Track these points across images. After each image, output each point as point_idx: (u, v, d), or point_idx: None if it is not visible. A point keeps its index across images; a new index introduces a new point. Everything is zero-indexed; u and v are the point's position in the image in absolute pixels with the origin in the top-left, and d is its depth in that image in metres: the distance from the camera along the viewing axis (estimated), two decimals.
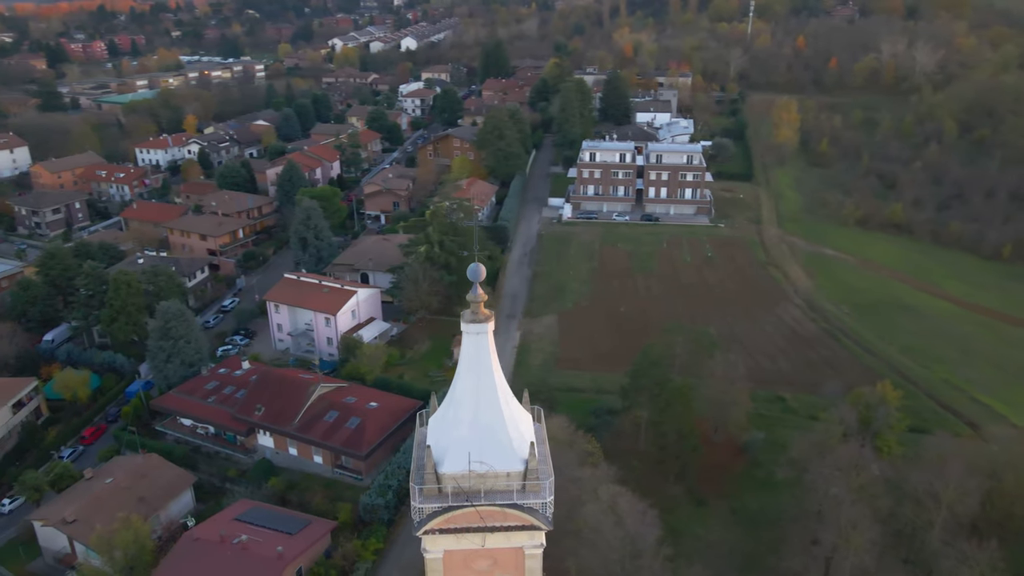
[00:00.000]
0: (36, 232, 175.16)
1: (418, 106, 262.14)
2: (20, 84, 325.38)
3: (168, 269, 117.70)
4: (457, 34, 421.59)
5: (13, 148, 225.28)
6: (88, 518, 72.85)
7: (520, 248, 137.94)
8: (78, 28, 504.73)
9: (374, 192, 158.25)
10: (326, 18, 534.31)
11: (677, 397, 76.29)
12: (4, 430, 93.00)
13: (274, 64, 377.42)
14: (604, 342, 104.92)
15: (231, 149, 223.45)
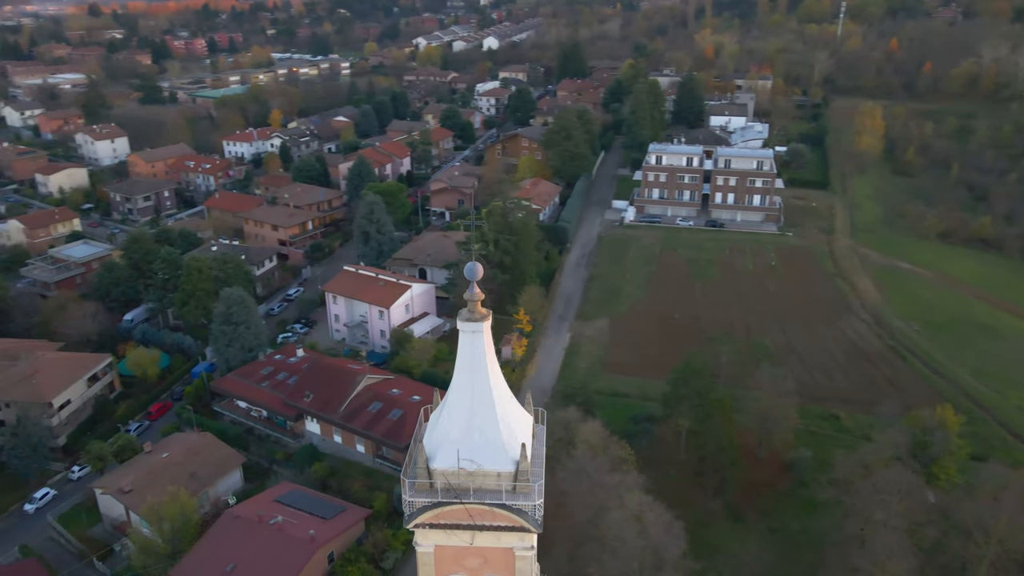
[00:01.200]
0: (128, 218, 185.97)
1: (493, 105, 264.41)
2: (127, 78, 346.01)
3: (236, 257, 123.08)
4: (539, 34, 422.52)
5: (114, 138, 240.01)
6: (143, 489, 77.14)
7: (579, 250, 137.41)
8: (183, 26, 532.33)
9: (440, 189, 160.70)
10: (413, 17, 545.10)
11: (717, 408, 74.59)
12: (80, 402, 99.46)
13: (360, 62, 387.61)
14: (654, 348, 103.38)
15: (311, 144, 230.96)
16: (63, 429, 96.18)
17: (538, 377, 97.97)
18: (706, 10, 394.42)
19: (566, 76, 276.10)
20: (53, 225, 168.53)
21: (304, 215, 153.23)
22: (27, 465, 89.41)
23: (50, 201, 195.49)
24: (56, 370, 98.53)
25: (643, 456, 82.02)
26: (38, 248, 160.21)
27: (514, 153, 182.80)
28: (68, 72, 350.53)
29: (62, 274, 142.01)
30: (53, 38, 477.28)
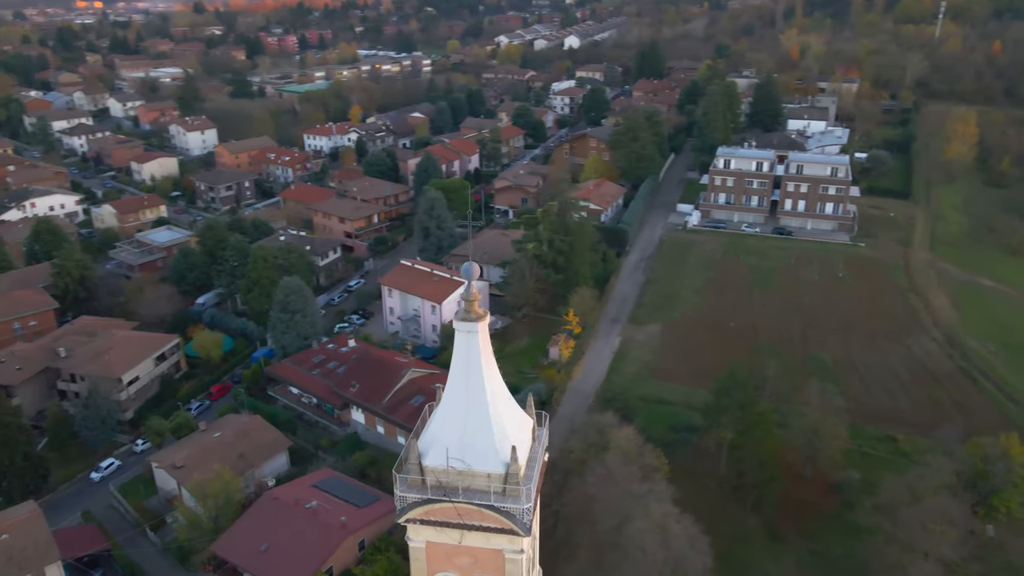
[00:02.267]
0: (211, 206, 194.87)
1: (567, 104, 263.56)
2: (221, 73, 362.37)
3: (300, 247, 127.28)
4: (621, 33, 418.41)
5: (204, 130, 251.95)
6: (193, 466, 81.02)
7: (638, 253, 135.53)
8: (278, 23, 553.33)
9: (504, 187, 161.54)
10: (497, 16, 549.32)
11: (757, 422, 72.28)
12: (147, 379, 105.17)
13: (441, 59, 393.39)
14: (706, 356, 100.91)
15: (386, 139, 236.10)
16: (130, 404, 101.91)
17: (584, 380, 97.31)
18: (796, 9, 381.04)
19: (643, 76, 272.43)
20: (142, 210, 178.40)
21: (370, 208, 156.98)
22: (96, 436, 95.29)
23: (143, 188, 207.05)
24: (127, 348, 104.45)
25: (682, 466, 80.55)
26: (127, 232, 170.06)
27: (582, 153, 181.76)
28: (169, 66, 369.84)
29: (145, 257, 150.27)
30: (159, 34, 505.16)
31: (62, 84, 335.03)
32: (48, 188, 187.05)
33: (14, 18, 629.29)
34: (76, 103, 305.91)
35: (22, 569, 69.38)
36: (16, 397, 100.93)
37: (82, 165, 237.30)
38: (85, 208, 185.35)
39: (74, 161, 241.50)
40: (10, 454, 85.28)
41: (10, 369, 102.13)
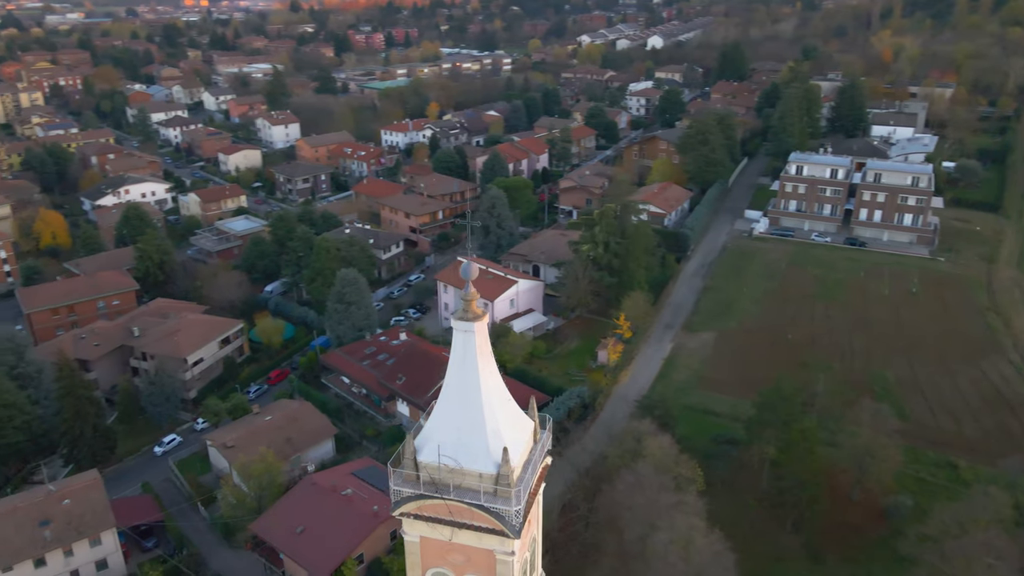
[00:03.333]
0: (288, 198, 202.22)
1: (643, 105, 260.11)
2: (309, 69, 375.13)
3: (363, 240, 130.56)
4: (706, 34, 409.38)
5: (288, 124, 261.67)
6: (243, 446, 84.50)
7: (700, 259, 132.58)
8: (367, 21, 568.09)
9: (569, 188, 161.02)
10: (582, 15, 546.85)
11: (800, 439, 69.64)
12: (211, 361, 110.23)
13: (522, 58, 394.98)
14: (758, 368, 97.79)
15: (459, 136, 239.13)
16: (195, 384, 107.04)
17: (630, 385, 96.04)
18: (895, 10, 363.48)
19: (724, 78, 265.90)
20: (224, 200, 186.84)
21: (435, 205, 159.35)
22: (160, 412, 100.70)
23: (228, 178, 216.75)
24: (194, 330, 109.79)
25: (722, 480, 78.74)
26: (209, 220, 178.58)
27: (651, 155, 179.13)
28: (261, 62, 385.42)
29: (222, 245, 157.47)
30: (255, 31, 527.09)
31: (164, 78, 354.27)
32: (141, 176, 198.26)
33: (127, 15, 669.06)
34: (174, 96, 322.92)
35: (80, 533, 74.11)
36: (93, 372, 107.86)
37: (175, 155, 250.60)
38: (174, 196, 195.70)
39: (168, 151, 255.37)
40: (81, 425, 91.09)
41: (89, 345, 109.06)
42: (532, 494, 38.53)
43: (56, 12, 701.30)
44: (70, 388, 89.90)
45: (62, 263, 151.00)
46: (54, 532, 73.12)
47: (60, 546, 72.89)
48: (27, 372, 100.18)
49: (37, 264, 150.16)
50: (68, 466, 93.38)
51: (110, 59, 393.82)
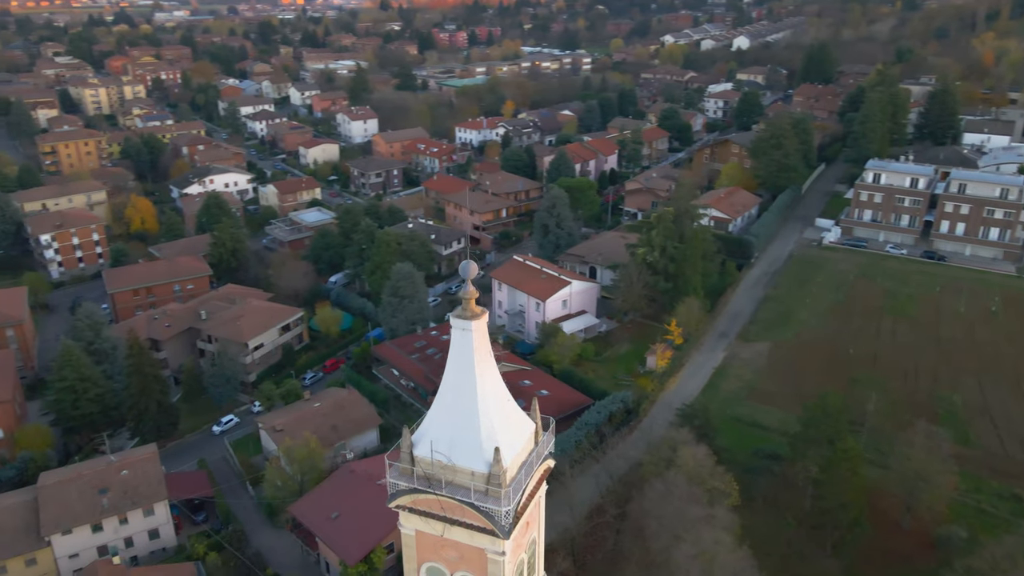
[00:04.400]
0: (361, 191, 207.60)
1: (720, 108, 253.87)
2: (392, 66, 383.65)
3: (423, 235, 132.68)
4: (795, 34, 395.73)
5: (367, 119, 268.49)
6: (291, 430, 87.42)
7: (763, 266, 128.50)
8: (452, 20, 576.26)
9: (635, 190, 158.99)
10: (667, 15, 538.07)
11: (843, 458, 66.68)
12: (271, 346, 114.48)
13: (603, 58, 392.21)
14: (814, 382, 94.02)
15: (532, 135, 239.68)
16: (254, 368, 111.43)
17: (677, 392, 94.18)
18: (1002, 11, 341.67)
19: (808, 80, 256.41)
20: (299, 192, 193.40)
21: (499, 203, 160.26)
22: (221, 393, 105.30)
23: (306, 171, 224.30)
24: (257, 316, 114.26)
25: (764, 496, 76.31)
26: (284, 211, 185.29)
27: (722, 159, 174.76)
28: (347, 59, 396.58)
29: (294, 235, 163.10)
30: (345, 29, 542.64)
31: (255, 73, 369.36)
32: (226, 167, 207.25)
33: (228, 13, 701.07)
34: (263, 91, 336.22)
35: (135, 503, 78.49)
36: (163, 351, 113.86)
37: (260, 147, 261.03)
38: (254, 187, 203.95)
39: (254, 143, 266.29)
40: (147, 401, 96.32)
41: (161, 326, 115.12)
42: (529, 496, 38.47)
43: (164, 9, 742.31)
44: (138, 366, 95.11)
45: (147, 247, 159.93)
46: (111, 500, 77.71)
47: (116, 514, 77.41)
48: (103, 348, 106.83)
49: (124, 247, 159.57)
50: (134, 439, 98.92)
51: (208, 55, 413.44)
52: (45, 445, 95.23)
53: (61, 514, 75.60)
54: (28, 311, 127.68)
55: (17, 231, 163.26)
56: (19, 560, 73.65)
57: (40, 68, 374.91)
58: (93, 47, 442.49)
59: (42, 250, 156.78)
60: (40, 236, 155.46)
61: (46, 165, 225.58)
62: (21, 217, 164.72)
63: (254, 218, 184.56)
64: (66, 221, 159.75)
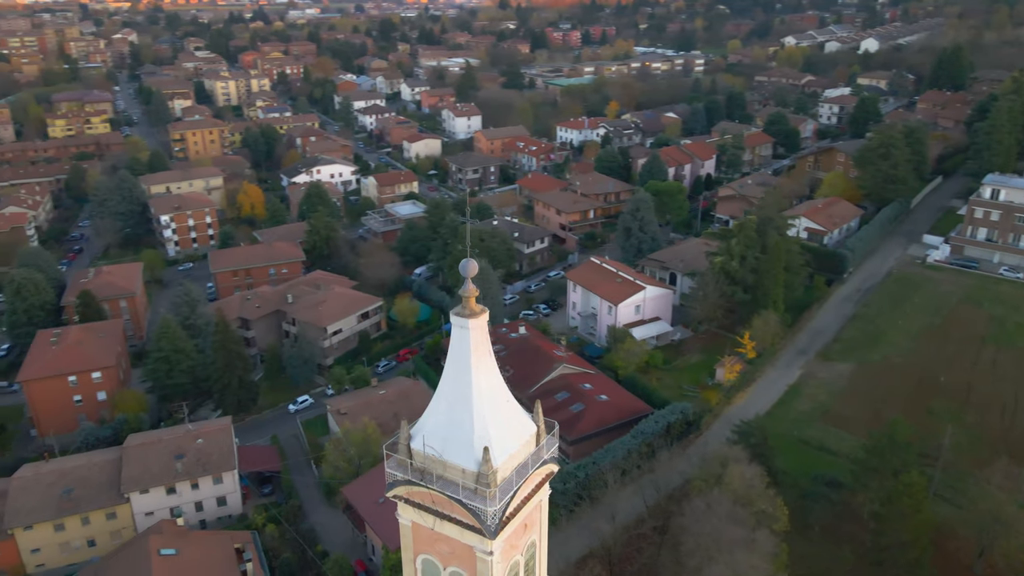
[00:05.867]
0: (457, 186, 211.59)
1: (835, 113, 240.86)
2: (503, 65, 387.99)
3: (504, 232, 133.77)
4: (930, 37, 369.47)
5: (471, 116, 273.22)
6: (354, 415, 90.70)
7: (856, 283, 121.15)
8: (568, 19, 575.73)
9: (727, 196, 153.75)
10: (792, 15, 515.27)
11: (905, 493, 62.14)
12: (349, 333, 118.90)
13: (716, 59, 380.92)
14: (895, 409, 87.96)
15: (632, 136, 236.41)
16: (332, 352, 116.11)
17: (745, 408, 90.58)
18: None
19: (937, 86, 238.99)
20: (398, 184, 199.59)
21: (587, 203, 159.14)
22: (299, 374, 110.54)
23: (408, 165, 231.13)
24: (338, 303, 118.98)
25: (824, 525, 72.42)
26: (382, 202, 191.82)
27: (827, 167, 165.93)
28: (460, 56, 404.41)
29: (387, 227, 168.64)
30: (462, 27, 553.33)
31: (372, 69, 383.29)
32: (332, 158, 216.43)
33: (355, 11, 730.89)
34: (377, 86, 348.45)
35: (206, 470, 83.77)
36: (252, 330, 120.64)
37: (367, 140, 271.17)
38: (357, 178, 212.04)
39: (362, 137, 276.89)
40: (229, 376, 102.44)
41: (251, 306, 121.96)
42: (526, 499, 38.37)
43: (298, 7, 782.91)
44: (223, 342, 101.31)
45: (252, 231, 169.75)
46: (185, 466, 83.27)
47: (188, 479, 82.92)
48: (197, 324, 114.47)
49: (232, 230, 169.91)
50: (216, 410, 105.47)
51: (330, 51, 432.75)
52: (140, 409, 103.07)
53: (140, 474, 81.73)
54: (142, 285, 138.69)
55: (143, 211, 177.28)
56: (101, 513, 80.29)
57: (181, 61, 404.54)
58: (229, 42, 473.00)
59: (162, 229, 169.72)
60: (161, 216, 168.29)
61: (175, 151, 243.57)
62: (147, 198, 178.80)
63: (354, 208, 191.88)
64: (184, 204, 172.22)
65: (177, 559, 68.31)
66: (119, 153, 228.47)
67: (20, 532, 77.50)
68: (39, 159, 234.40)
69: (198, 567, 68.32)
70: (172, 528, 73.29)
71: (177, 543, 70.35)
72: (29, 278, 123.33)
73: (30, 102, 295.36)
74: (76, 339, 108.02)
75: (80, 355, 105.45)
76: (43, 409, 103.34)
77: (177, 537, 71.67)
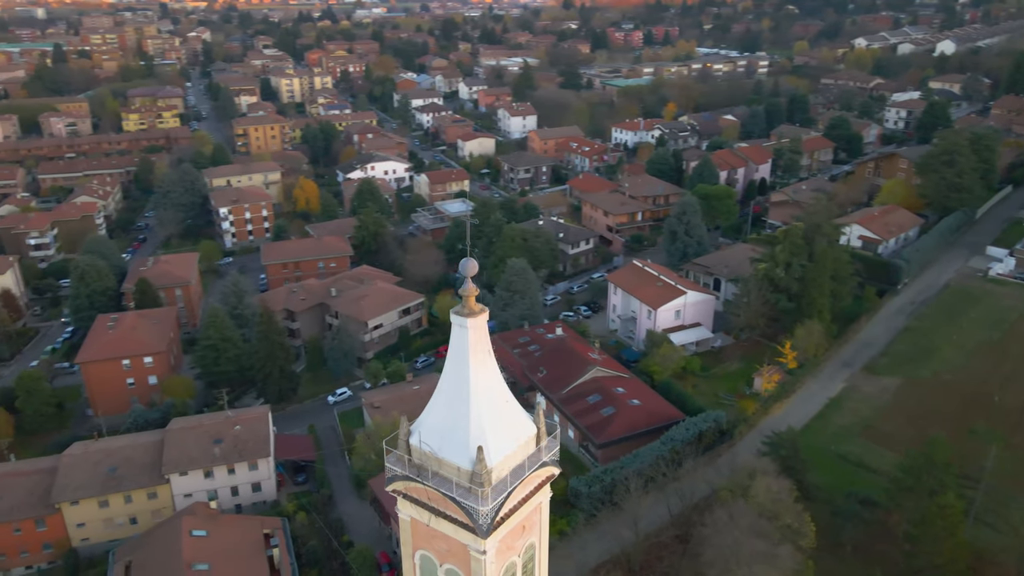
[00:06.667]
0: (509, 186, 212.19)
1: (902, 118, 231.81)
2: (562, 65, 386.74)
3: (548, 233, 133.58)
4: (1012, 40, 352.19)
5: (526, 116, 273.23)
6: (387, 408, 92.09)
7: (911, 294, 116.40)
8: (631, 19, 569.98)
9: (780, 201, 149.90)
10: (865, 15, 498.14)
11: (938, 515, 59.57)
12: (390, 328, 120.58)
13: (782, 61, 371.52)
14: (941, 428, 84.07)
15: (688, 139, 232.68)
16: (372, 346, 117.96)
17: (782, 419, 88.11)
18: None
19: (1015, 91, 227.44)
20: (449, 182, 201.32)
21: (635, 206, 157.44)
22: (338, 366, 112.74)
23: (461, 163, 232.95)
24: (380, 298, 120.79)
25: (856, 543, 69.99)
26: (433, 199, 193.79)
27: (887, 174, 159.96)
28: (519, 56, 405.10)
29: (436, 224, 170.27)
30: (524, 27, 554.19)
31: (432, 68, 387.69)
32: (387, 155, 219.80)
33: (420, 10, 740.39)
34: (436, 85, 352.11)
35: (241, 457, 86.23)
36: (297, 322, 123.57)
37: (423, 138, 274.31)
38: (410, 175, 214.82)
39: (418, 134, 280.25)
40: (271, 366, 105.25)
41: (297, 299, 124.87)
42: (523, 500, 38.40)
43: (365, 6, 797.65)
44: (266, 333, 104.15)
45: (305, 225, 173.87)
46: (222, 451, 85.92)
47: (225, 464, 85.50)
48: (244, 314, 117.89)
49: (285, 223, 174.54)
50: (259, 399, 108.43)
51: (392, 49, 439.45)
52: (187, 395, 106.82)
53: (180, 457, 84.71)
54: (197, 275, 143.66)
55: (203, 203, 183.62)
56: (143, 492, 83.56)
57: (250, 59, 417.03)
58: (297, 41, 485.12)
59: (220, 221, 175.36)
60: (219, 209, 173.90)
61: (238, 146, 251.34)
62: (208, 191, 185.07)
63: (405, 205, 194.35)
64: (242, 197, 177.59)
65: (207, 540, 70.59)
66: (186, 147, 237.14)
67: (67, 507, 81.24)
68: (112, 151, 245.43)
69: (226, 549, 70.42)
70: (205, 511, 75.75)
71: (208, 525, 72.70)
72: (92, 265, 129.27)
73: (107, 97, 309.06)
74: (131, 325, 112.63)
75: (134, 340, 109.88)
76: (98, 390, 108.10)
77: (209, 519, 74.05)
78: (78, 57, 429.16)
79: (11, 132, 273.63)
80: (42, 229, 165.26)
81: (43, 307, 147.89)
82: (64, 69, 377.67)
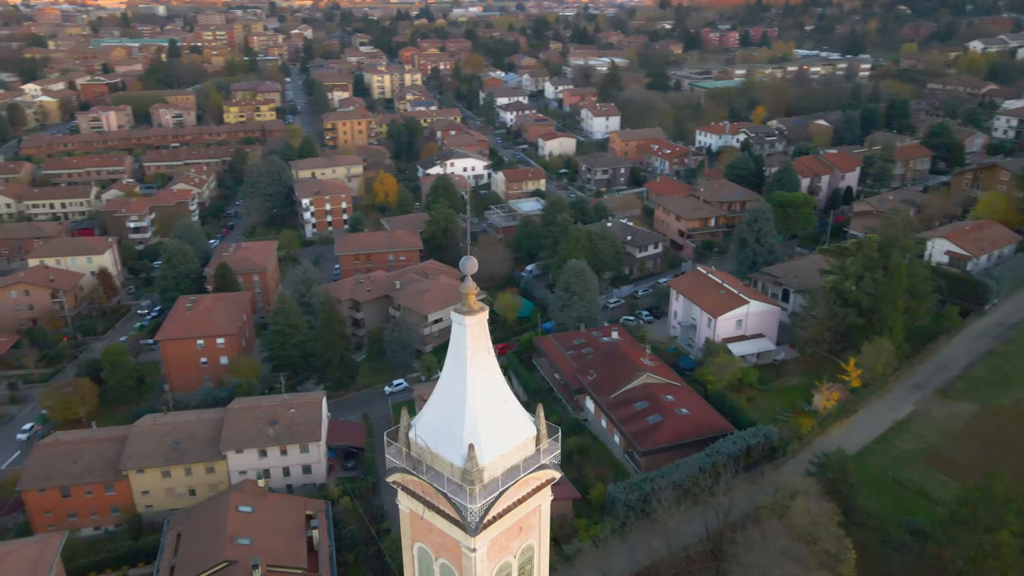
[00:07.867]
0: (585, 186, 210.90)
1: (1012, 127, 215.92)
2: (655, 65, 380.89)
3: (613, 235, 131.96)
4: None
5: (609, 116, 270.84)
6: None
7: (999, 316, 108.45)
8: (729, 19, 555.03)
9: (864, 212, 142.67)
10: (982, 17, 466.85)
11: (991, 554, 55.43)
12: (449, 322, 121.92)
13: (887, 64, 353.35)
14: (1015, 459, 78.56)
15: (775, 144, 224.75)
16: (432, 340, 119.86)
17: (839, 439, 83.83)
18: None
19: None
20: (525, 181, 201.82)
21: (709, 211, 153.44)
22: (397, 358, 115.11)
23: (540, 162, 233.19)
24: (440, 293, 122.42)
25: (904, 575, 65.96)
26: (509, 197, 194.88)
27: (987, 186, 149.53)
28: (609, 56, 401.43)
29: (508, 222, 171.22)
30: (617, 26, 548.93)
31: (521, 67, 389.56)
32: (466, 152, 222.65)
33: (516, 9, 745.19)
34: (522, 84, 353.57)
35: (294, 439, 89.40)
36: (362, 312, 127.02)
37: (506, 136, 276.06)
38: (489, 172, 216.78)
39: (501, 132, 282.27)
40: (332, 354, 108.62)
41: (363, 290, 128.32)
42: (519, 501, 38.36)
43: (462, 5, 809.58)
44: (328, 321, 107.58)
45: (381, 218, 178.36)
46: (276, 432, 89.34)
47: (278, 445, 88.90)
48: (311, 302, 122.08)
49: (362, 216, 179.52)
50: (319, 384, 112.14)
51: (484, 48, 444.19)
52: (254, 376, 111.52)
53: (237, 435, 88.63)
54: (275, 262, 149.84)
55: (288, 193, 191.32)
56: (202, 466, 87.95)
57: (346, 56, 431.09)
58: (392, 38, 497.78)
59: (302, 212, 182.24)
60: (302, 199, 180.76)
61: (327, 139, 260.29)
62: (292, 182, 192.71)
63: (480, 202, 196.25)
64: (323, 189, 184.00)
65: (251, 516, 73.59)
66: (278, 139, 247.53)
67: (133, 475, 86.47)
68: (212, 142, 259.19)
69: (269, 526, 73.20)
70: (253, 488, 78.94)
71: (254, 502, 75.75)
72: (180, 249, 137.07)
73: (212, 90, 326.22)
74: (207, 307, 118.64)
75: (208, 321, 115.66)
76: (174, 367, 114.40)
77: (256, 497, 77.13)
78: (190, 52, 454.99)
79: (124, 122, 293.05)
80: (141, 213, 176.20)
81: (137, 286, 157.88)
82: (176, 63, 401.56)
